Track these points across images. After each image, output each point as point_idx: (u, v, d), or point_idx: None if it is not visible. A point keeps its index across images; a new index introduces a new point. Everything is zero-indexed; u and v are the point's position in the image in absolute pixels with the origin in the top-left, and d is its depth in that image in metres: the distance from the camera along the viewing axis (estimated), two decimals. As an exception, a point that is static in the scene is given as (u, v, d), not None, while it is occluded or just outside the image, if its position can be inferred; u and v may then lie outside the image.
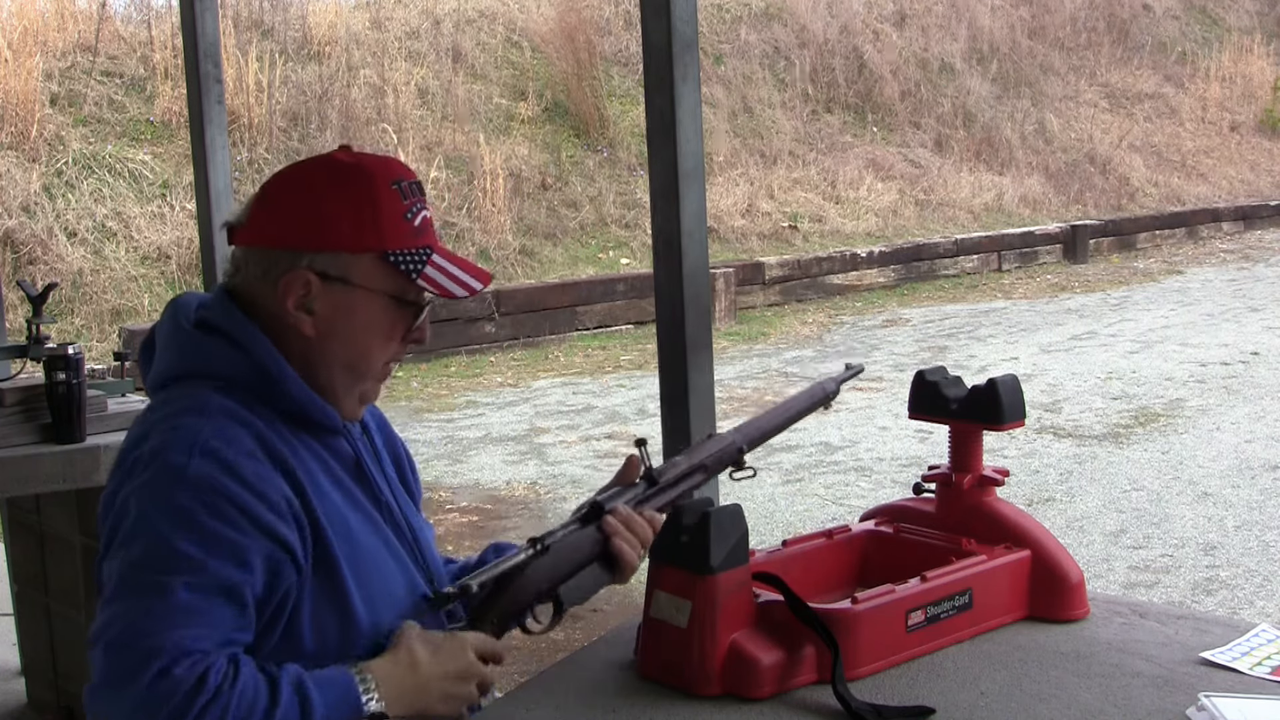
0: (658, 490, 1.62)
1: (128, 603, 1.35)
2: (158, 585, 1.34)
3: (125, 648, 1.32)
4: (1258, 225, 15.75)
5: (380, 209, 1.48)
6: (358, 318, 1.49)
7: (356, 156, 1.53)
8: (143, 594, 1.34)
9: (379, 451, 1.65)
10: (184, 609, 1.33)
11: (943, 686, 1.46)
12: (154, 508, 1.37)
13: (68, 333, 7.96)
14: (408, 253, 1.49)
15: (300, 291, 1.48)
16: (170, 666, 1.30)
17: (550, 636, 1.72)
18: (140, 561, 1.36)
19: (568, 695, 1.49)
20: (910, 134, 14.66)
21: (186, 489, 1.37)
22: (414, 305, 1.52)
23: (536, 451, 6.66)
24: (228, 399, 1.45)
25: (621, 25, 13.30)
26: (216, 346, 1.48)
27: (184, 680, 1.30)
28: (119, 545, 1.39)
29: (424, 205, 1.54)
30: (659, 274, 2.06)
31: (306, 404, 1.49)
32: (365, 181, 1.49)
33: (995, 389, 1.69)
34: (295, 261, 1.48)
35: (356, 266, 1.48)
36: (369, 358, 1.52)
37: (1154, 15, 19.15)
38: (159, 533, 1.36)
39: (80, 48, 10.22)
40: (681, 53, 1.99)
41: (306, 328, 1.49)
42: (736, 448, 1.69)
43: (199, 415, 1.42)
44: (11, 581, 3.46)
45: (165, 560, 1.35)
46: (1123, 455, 6.14)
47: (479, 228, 10.54)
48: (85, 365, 2.89)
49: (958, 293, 11.88)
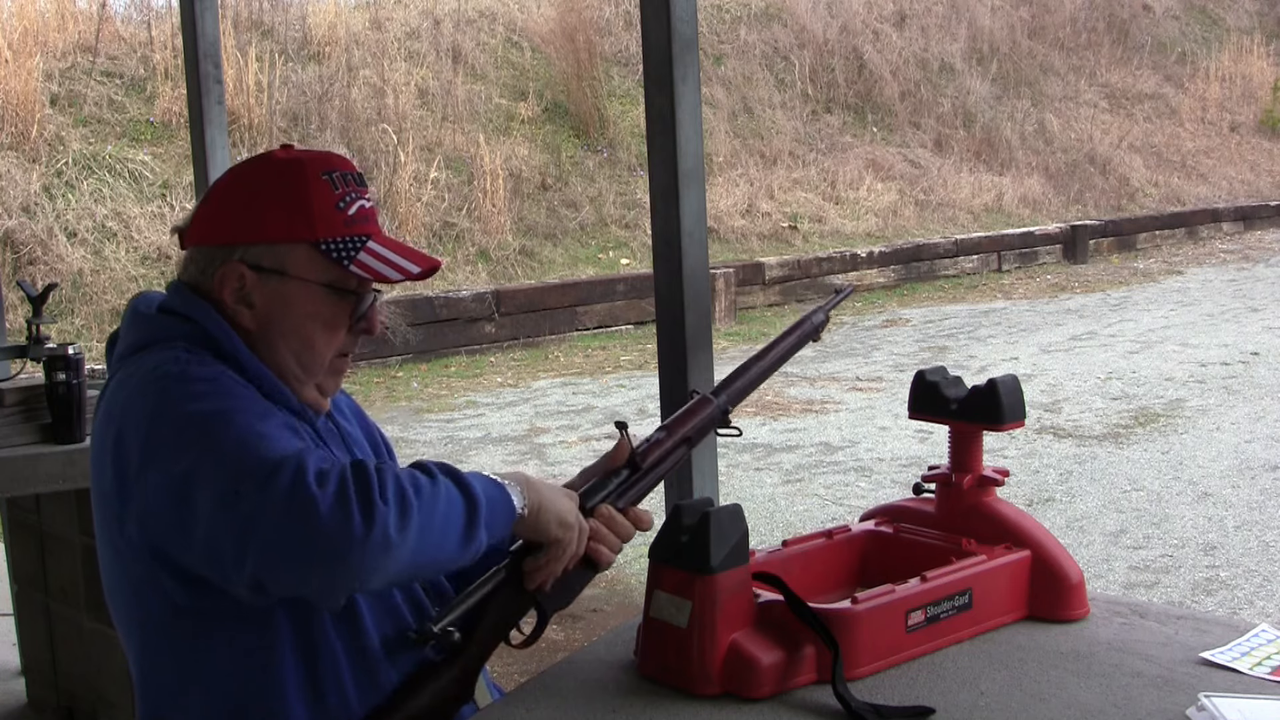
0: (642, 475, 1.62)
1: (228, 468, 1.30)
2: (239, 436, 1.32)
3: (258, 477, 1.27)
4: (1258, 225, 15.75)
5: (311, 199, 1.50)
6: (296, 308, 1.51)
7: (292, 152, 1.56)
8: (233, 450, 1.31)
9: (347, 435, 1.65)
10: (275, 436, 1.33)
11: (943, 686, 1.46)
12: (182, 409, 1.37)
13: (68, 333, 7.96)
14: (340, 241, 1.51)
15: (235, 284, 1.50)
16: (307, 462, 1.28)
17: (550, 636, 1.72)
18: (212, 442, 1.33)
19: (568, 695, 1.49)
20: (910, 134, 14.66)
21: (194, 381, 1.40)
22: (353, 294, 1.54)
23: (536, 452, 6.66)
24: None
25: (621, 25, 13.29)
26: (176, 322, 1.51)
27: (335, 468, 1.28)
28: (174, 457, 1.34)
29: (361, 195, 1.55)
30: (659, 274, 2.06)
31: (261, 378, 1.50)
32: (296, 174, 1.51)
33: (995, 389, 1.69)
34: (229, 255, 1.51)
35: (290, 257, 1.50)
36: (313, 348, 1.53)
37: (1154, 15, 19.15)
38: (202, 416, 1.35)
39: (80, 48, 10.22)
40: (681, 53, 1.99)
41: (246, 320, 1.51)
42: (720, 410, 1.68)
43: (169, 348, 1.46)
44: (11, 581, 3.46)
45: (227, 422, 1.34)
46: (1123, 455, 6.14)
47: (479, 228, 10.54)
48: (85, 365, 2.90)
49: (958, 293, 11.88)
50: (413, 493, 1.31)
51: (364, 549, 1.25)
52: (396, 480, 1.30)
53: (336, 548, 1.25)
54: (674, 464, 1.66)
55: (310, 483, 1.26)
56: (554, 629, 4.13)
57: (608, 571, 1.61)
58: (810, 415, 7.21)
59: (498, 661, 3.80)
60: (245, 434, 1.32)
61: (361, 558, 1.26)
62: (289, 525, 1.26)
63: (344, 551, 1.25)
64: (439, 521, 1.32)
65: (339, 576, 1.28)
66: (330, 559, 1.26)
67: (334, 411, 1.65)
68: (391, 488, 1.29)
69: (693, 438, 1.67)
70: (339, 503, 1.26)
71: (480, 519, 1.37)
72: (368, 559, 1.26)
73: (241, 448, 1.31)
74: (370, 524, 1.25)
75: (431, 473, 1.36)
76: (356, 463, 1.30)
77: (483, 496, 1.38)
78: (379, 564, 1.27)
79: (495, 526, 1.40)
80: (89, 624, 3.07)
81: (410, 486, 1.31)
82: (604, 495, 1.59)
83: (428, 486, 1.33)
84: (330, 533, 1.25)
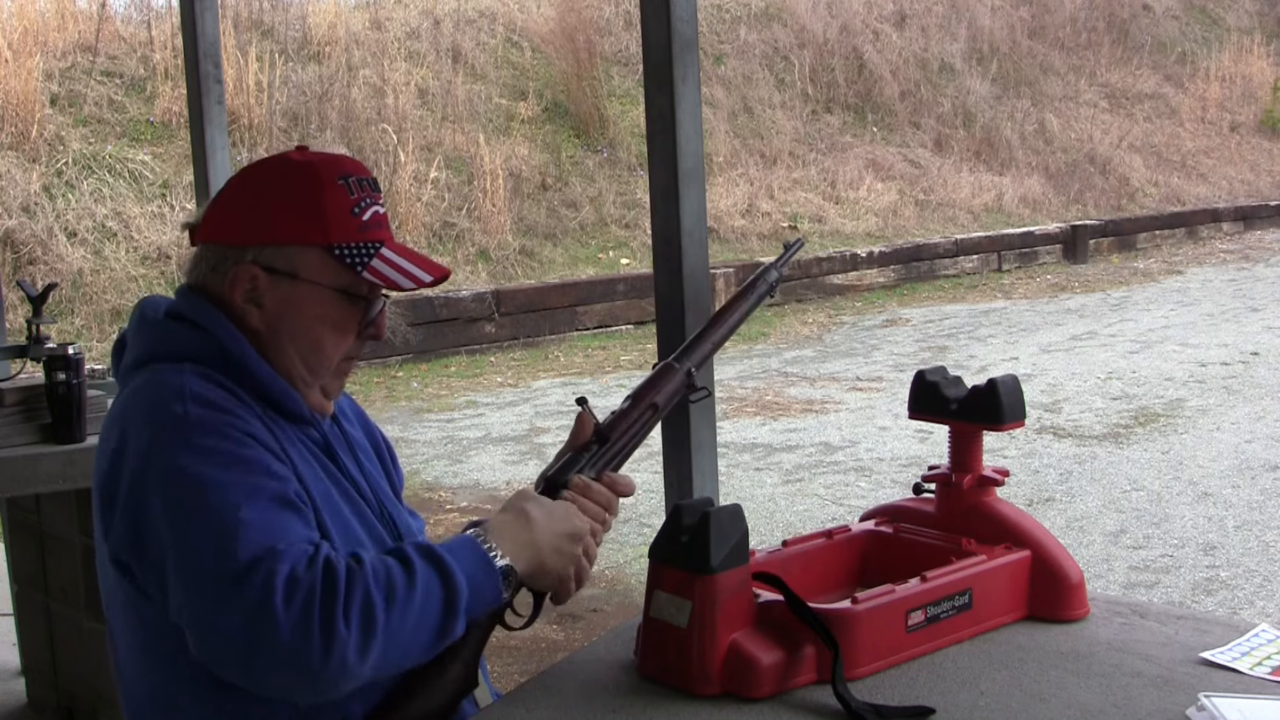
0: (610, 446, 1.61)
1: (200, 551, 1.30)
2: (219, 521, 1.31)
3: (226, 579, 1.27)
4: (1258, 225, 15.75)
5: (326, 204, 1.50)
6: (306, 311, 1.51)
7: (308, 155, 1.55)
8: (209, 534, 1.31)
9: (353, 440, 1.65)
10: (258, 525, 1.31)
11: (943, 686, 1.46)
12: (173, 460, 1.36)
13: (68, 333, 7.96)
14: (354, 246, 1.51)
15: (246, 285, 1.50)
16: (279, 567, 1.26)
17: (550, 636, 1.72)
18: (191, 508, 1.33)
19: (568, 695, 1.49)
20: (910, 134, 14.66)
21: (193, 431, 1.38)
22: (363, 299, 1.54)
23: (536, 451, 6.66)
24: (200, 370, 1.47)
25: (621, 25, 13.29)
26: (183, 330, 1.51)
27: (307, 573, 1.27)
28: (157, 513, 1.35)
29: (375, 201, 1.55)
30: (659, 274, 2.06)
31: (269, 384, 1.50)
32: (312, 177, 1.51)
33: (995, 389, 1.69)
34: (241, 256, 1.51)
35: (302, 260, 1.50)
36: (321, 351, 1.53)
37: (1154, 15, 19.15)
38: (191, 475, 1.34)
39: (80, 48, 10.22)
40: (681, 53, 1.98)
41: (255, 320, 1.51)
42: (685, 374, 1.67)
43: (176, 377, 1.44)
44: (11, 581, 3.46)
45: (212, 497, 1.33)
46: (1123, 455, 6.14)
47: (479, 228, 10.54)
48: (85, 365, 2.90)
49: (958, 293, 11.88)
50: (382, 606, 1.29)
51: (319, 677, 1.26)
52: (366, 594, 1.28)
53: (290, 672, 1.26)
54: (642, 430, 1.64)
55: (276, 602, 1.25)
56: (554, 629, 4.12)
57: (607, 572, 1.61)
58: (810, 415, 7.21)
59: (498, 662, 3.81)
60: (225, 520, 1.31)
61: (314, 683, 1.27)
62: (245, 641, 1.26)
63: (297, 676, 1.26)
64: (409, 629, 1.31)
65: (290, 692, 1.30)
66: (283, 680, 1.27)
67: (339, 414, 1.65)
68: (358, 605, 1.27)
69: (659, 404, 1.65)
70: (301, 626, 1.25)
71: (459, 609, 1.36)
72: (321, 684, 1.27)
73: (219, 537, 1.30)
74: (328, 653, 1.25)
75: (411, 567, 1.33)
76: (329, 571, 1.28)
77: (464, 584, 1.36)
78: (334, 686, 1.28)
79: (476, 611, 1.39)
80: (89, 624, 3.07)
81: (382, 597, 1.29)
82: (575, 470, 1.59)
83: (402, 591, 1.31)
84: (285, 659, 1.25)
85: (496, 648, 3.85)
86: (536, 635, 4.03)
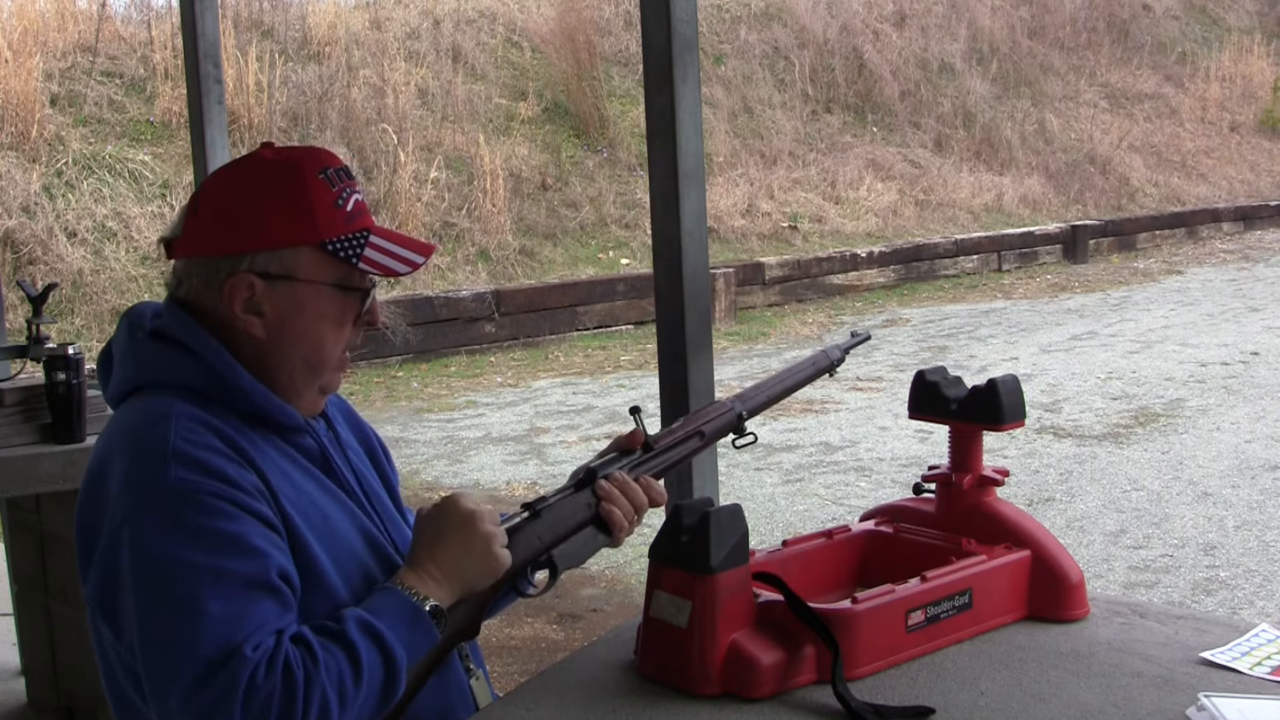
0: (653, 455, 1.65)
1: (162, 638, 1.32)
2: (184, 613, 1.31)
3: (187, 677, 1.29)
4: (1258, 225, 15.75)
5: (312, 200, 1.49)
6: (307, 311, 1.50)
7: (280, 152, 1.53)
8: (173, 628, 1.31)
9: (345, 443, 1.65)
10: (222, 619, 1.31)
11: (943, 686, 1.46)
12: (147, 530, 1.35)
13: (68, 333, 7.96)
14: (345, 239, 1.50)
15: (245, 294, 1.48)
16: (240, 674, 1.28)
17: (550, 636, 1.72)
18: (157, 591, 1.33)
19: (568, 695, 1.49)
20: (910, 134, 14.66)
21: (171, 500, 1.36)
22: (360, 290, 1.53)
23: (536, 451, 6.66)
24: (188, 404, 1.44)
25: (621, 25, 13.29)
26: (171, 354, 1.48)
27: (266, 681, 1.28)
28: (127, 582, 1.35)
29: (354, 189, 1.54)
30: (659, 274, 2.06)
31: (263, 404, 1.49)
32: (292, 175, 1.50)
33: (995, 389, 1.69)
34: (236, 265, 1.48)
35: (297, 261, 1.49)
36: (324, 349, 1.52)
37: (1154, 15, 19.15)
38: (163, 554, 1.34)
39: (80, 48, 10.22)
40: (681, 53, 1.98)
41: (257, 329, 1.49)
42: (736, 414, 1.75)
43: (163, 421, 1.41)
44: (11, 581, 3.46)
45: (181, 579, 1.32)
46: (1123, 455, 6.14)
47: (479, 228, 10.54)
48: (85, 365, 2.90)
49: (958, 293, 11.88)
50: (336, 706, 1.31)
51: None
52: (323, 698, 1.30)
53: None
54: (686, 453, 1.70)
55: (235, 709, 1.27)
56: (554, 629, 4.12)
57: (607, 572, 1.61)
58: (810, 415, 7.21)
59: (498, 662, 3.81)
60: (190, 614, 1.31)
61: None
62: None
63: None
64: (357, 711, 1.34)
65: None
66: None
67: (328, 416, 1.64)
68: (316, 710, 1.30)
69: (706, 432, 1.71)
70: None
71: (400, 678, 1.38)
72: None
73: (182, 631, 1.30)
74: None
75: (356, 653, 1.35)
76: (288, 677, 1.29)
77: (403, 654, 1.38)
78: None
79: (415, 660, 1.41)
80: (89, 624, 3.07)
81: (335, 696, 1.31)
82: (618, 468, 1.62)
83: (351, 687, 1.33)
84: None
85: (496, 648, 3.85)
86: (536, 635, 4.03)
